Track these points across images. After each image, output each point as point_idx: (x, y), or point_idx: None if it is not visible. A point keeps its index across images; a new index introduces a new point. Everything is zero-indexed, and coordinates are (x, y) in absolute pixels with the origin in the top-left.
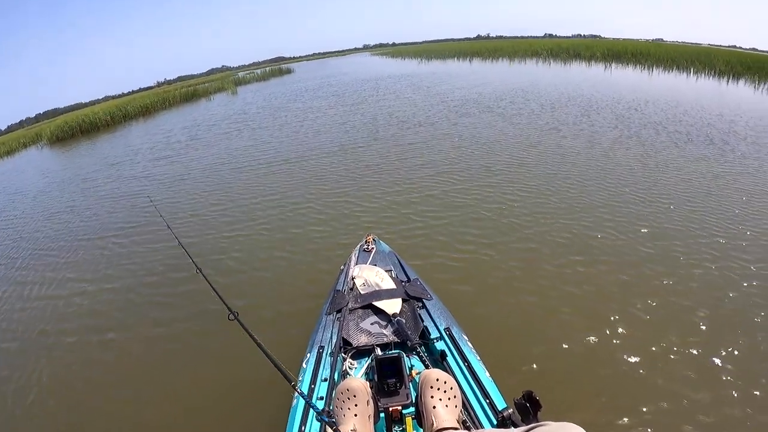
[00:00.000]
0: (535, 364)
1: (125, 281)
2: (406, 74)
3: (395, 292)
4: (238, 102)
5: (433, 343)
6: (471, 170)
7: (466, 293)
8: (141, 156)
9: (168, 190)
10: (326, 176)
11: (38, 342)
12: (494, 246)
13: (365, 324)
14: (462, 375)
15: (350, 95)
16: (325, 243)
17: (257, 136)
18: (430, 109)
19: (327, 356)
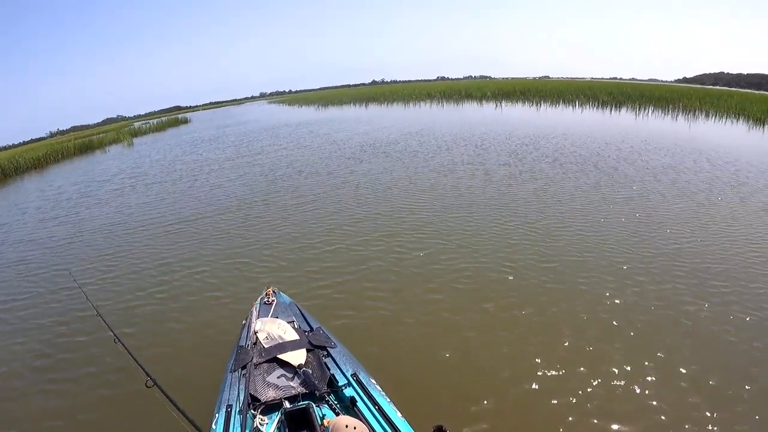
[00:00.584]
0: (444, 399)
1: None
2: (304, 122)
3: (299, 342)
4: (133, 154)
5: (342, 390)
6: (369, 219)
7: (369, 338)
8: (30, 216)
9: (55, 256)
10: (222, 233)
11: None
12: (396, 293)
13: (272, 378)
14: (374, 418)
15: (248, 145)
16: (224, 302)
17: (151, 192)
18: (329, 157)
19: (236, 414)
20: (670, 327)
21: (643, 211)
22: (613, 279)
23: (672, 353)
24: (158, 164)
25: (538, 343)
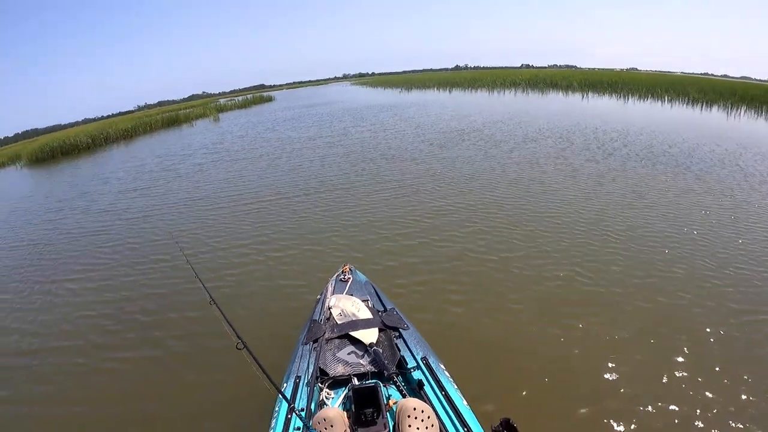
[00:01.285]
0: (513, 392)
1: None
2: (387, 105)
3: (372, 321)
4: (216, 130)
5: (410, 372)
6: (449, 211)
7: (443, 323)
8: (111, 186)
9: (129, 229)
10: (301, 213)
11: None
12: (474, 292)
13: (342, 354)
14: (439, 404)
15: (330, 126)
16: (300, 277)
17: (233, 169)
18: (412, 142)
19: (304, 386)
20: None
21: (744, 222)
22: (715, 300)
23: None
24: (241, 141)
25: (623, 361)
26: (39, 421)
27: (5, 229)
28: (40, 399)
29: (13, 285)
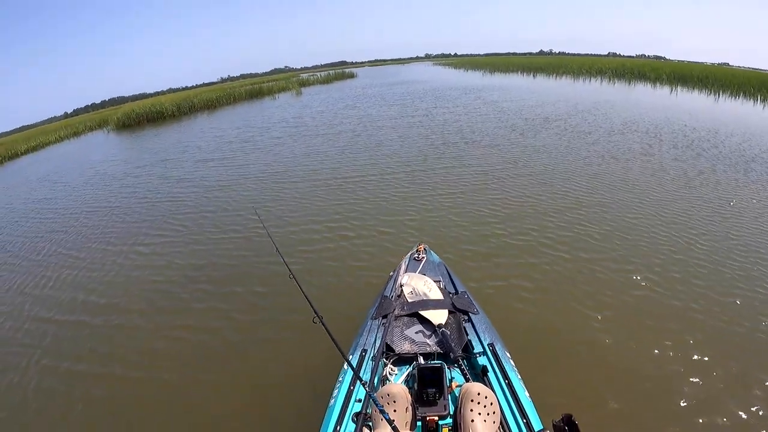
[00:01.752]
0: (576, 390)
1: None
2: (471, 87)
3: (442, 303)
4: (298, 104)
5: (476, 357)
6: (535, 196)
7: (512, 314)
8: (189, 155)
9: (206, 197)
10: (378, 191)
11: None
12: (551, 291)
13: (410, 332)
14: (501, 392)
15: (412, 105)
16: (375, 254)
17: (313, 144)
18: (496, 126)
19: (369, 360)
20: None
21: None
22: None
23: None
24: (321, 116)
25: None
26: (96, 379)
27: (87, 191)
28: (100, 358)
29: (87, 245)
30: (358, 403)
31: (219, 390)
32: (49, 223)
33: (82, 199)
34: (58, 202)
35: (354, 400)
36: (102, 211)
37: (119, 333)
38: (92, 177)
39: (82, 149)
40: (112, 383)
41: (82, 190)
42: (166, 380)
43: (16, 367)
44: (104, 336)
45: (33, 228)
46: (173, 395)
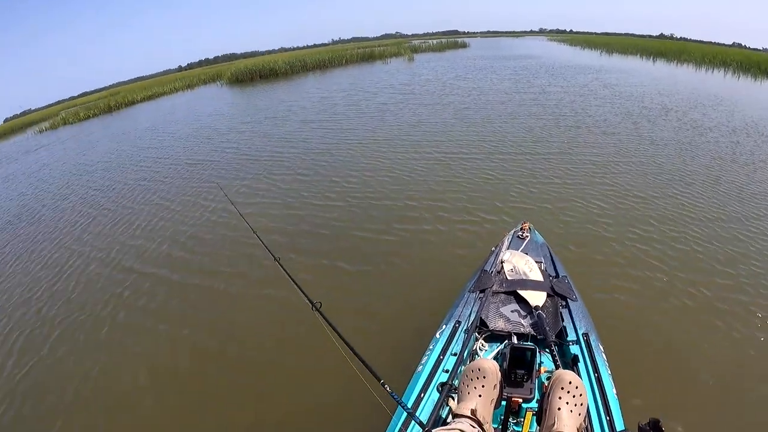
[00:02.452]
0: (666, 396)
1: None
2: (588, 67)
3: (542, 284)
4: (409, 71)
5: (568, 345)
6: (648, 193)
7: (614, 302)
8: (294, 115)
9: (306, 159)
10: (488, 164)
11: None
12: (666, 264)
13: (505, 309)
14: (589, 385)
15: (526, 82)
16: (474, 227)
17: (422, 113)
18: (613, 113)
19: (462, 332)
20: None
21: None
22: None
23: None
24: (429, 85)
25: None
26: (162, 339)
27: (191, 143)
28: (170, 317)
29: (181, 198)
30: (445, 373)
31: (300, 354)
32: (149, 171)
33: (184, 151)
34: (162, 151)
35: (441, 370)
36: (201, 164)
37: (195, 293)
38: (198, 129)
39: (193, 101)
40: (180, 345)
41: (186, 141)
42: (236, 355)
43: (90, 312)
44: (184, 294)
45: (133, 175)
46: (243, 368)
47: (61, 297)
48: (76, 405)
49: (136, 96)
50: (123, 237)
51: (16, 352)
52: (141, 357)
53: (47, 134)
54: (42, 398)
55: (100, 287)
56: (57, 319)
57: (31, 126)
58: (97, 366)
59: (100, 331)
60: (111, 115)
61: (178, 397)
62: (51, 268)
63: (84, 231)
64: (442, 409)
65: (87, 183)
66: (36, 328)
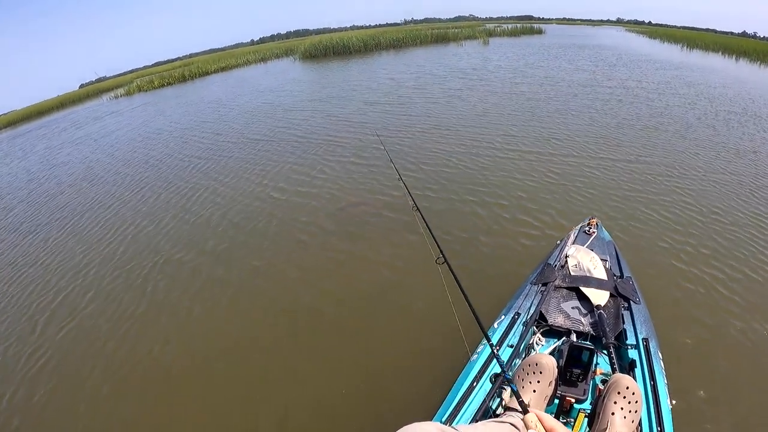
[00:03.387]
0: (724, 418)
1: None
2: (669, 62)
3: (605, 283)
4: (480, 55)
5: (627, 349)
6: (736, 212)
7: (679, 312)
8: (358, 94)
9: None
10: (546, 169)
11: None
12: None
13: (566, 306)
14: (643, 392)
15: (604, 73)
16: (537, 218)
17: (488, 101)
18: (691, 114)
19: (520, 324)
20: None
21: None
22: None
23: None
24: (503, 71)
25: None
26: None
27: (252, 119)
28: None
29: (235, 172)
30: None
31: (358, 328)
32: (205, 146)
33: (245, 127)
34: (221, 125)
35: (495, 364)
36: (258, 143)
37: (277, 248)
38: (261, 105)
39: (264, 75)
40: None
41: (247, 117)
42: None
43: (132, 283)
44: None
45: (189, 150)
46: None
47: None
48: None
49: (210, 67)
50: (175, 209)
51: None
52: (267, 298)
53: (123, 100)
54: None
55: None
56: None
57: (106, 92)
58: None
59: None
60: (185, 84)
61: (297, 326)
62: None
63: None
64: (493, 401)
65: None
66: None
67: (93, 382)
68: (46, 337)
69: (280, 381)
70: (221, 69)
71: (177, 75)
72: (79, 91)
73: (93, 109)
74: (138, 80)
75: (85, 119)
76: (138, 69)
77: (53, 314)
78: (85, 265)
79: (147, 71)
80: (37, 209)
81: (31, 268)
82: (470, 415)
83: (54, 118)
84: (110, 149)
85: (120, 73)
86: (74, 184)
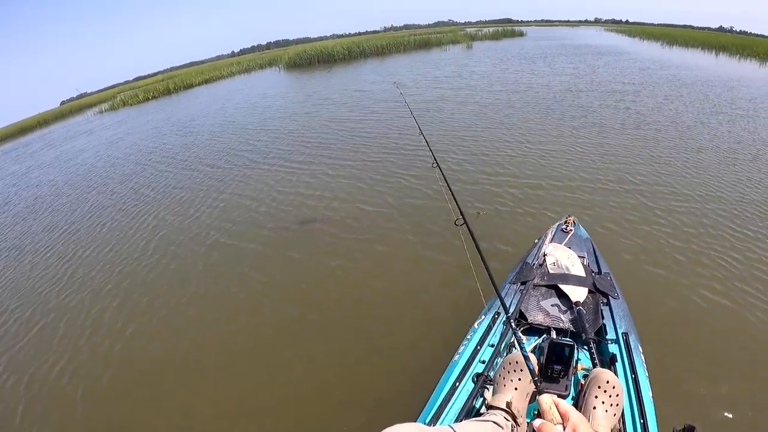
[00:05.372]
0: (705, 404)
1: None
2: (653, 60)
3: (583, 280)
4: (465, 60)
5: (607, 343)
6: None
7: (655, 303)
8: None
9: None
10: (551, 152)
11: None
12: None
13: (546, 303)
14: (625, 386)
15: (598, 75)
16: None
17: (465, 110)
18: (692, 114)
19: (500, 323)
20: None
21: None
22: None
23: None
24: (488, 78)
25: None
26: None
27: (255, 125)
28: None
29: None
30: (481, 364)
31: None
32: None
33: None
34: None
35: (478, 361)
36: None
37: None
38: (264, 109)
39: (253, 85)
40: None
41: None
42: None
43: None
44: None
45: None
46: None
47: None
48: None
49: (194, 80)
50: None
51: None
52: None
53: (109, 115)
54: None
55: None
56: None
57: (90, 107)
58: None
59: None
60: (170, 98)
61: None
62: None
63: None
64: (476, 400)
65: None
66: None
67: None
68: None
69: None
70: (205, 81)
71: (161, 88)
72: (62, 108)
73: (70, 128)
74: (122, 94)
75: (61, 138)
76: (119, 84)
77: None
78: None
79: (129, 86)
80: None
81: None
82: (453, 416)
83: (34, 136)
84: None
85: (102, 89)
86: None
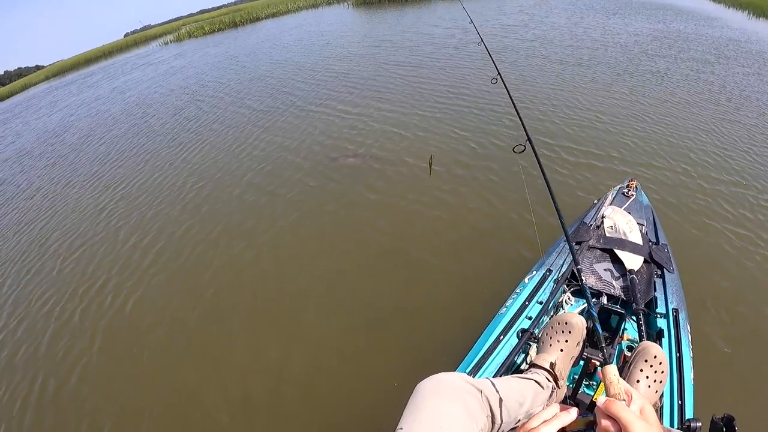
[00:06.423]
0: (745, 401)
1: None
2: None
3: (640, 248)
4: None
5: (656, 317)
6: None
7: (714, 286)
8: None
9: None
10: (607, 112)
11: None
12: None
13: (599, 267)
14: (668, 363)
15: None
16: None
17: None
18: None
19: (551, 281)
20: None
21: None
22: None
23: None
24: (560, 30)
25: None
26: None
27: (317, 61)
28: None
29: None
30: (528, 320)
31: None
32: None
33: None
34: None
35: (525, 317)
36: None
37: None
38: (325, 46)
39: (317, 21)
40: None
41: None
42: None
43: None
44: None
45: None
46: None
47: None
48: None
49: (260, 13)
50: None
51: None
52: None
53: (173, 46)
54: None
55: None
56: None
57: (155, 39)
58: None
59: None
60: (236, 30)
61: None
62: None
63: None
64: (517, 356)
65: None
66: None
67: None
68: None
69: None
70: (272, 15)
71: (228, 21)
72: (126, 39)
73: (138, 59)
74: (186, 27)
75: (122, 70)
76: (183, 17)
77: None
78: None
79: (192, 18)
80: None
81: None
82: (494, 369)
83: (98, 67)
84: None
85: (165, 21)
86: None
